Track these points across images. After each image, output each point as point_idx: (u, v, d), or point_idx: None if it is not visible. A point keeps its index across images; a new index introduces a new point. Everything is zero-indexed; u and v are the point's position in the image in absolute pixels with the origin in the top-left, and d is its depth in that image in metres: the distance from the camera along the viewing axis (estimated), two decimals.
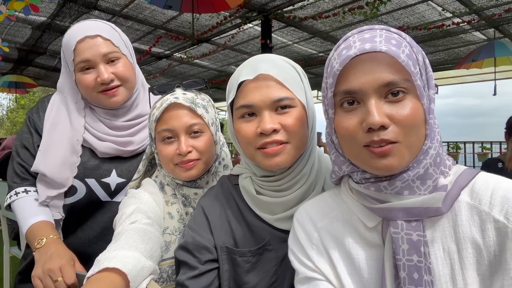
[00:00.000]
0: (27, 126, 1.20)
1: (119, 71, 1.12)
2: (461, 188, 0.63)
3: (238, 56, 7.29)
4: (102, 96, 1.13)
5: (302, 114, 0.81)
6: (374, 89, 0.60)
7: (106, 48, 1.10)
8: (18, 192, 1.13)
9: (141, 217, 0.91)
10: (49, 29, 5.84)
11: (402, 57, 0.60)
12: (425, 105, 0.62)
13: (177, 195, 1.04)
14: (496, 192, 0.60)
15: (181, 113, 0.96)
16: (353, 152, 0.66)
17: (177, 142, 0.96)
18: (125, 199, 1.01)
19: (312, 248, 0.73)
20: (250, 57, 0.88)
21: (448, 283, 0.60)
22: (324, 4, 4.90)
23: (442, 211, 0.62)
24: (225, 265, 0.86)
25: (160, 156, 1.00)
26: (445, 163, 0.66)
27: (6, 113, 29.56)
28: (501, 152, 7.33)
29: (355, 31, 0.67)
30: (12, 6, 3.11)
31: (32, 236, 1.01)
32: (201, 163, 0.98)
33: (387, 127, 0.60)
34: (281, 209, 0.86)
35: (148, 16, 5.43)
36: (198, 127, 0.98)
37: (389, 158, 0.60)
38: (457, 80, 8.52)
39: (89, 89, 1.12)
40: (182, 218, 1.02)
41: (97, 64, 1.10)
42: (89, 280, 0.71)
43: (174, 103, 0.96)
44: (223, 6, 3.89)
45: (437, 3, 4.67)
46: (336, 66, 0.63)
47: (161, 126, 0.97)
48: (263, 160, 0.80)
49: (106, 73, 1.09)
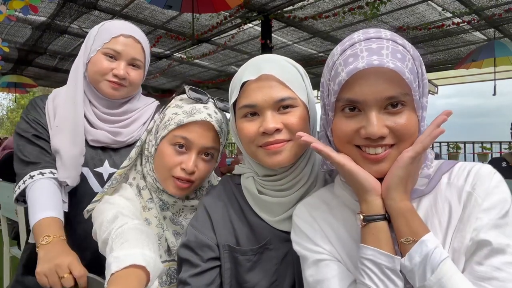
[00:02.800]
0: (26, 123, 1.20)
1: (133, 76, 1.21)
2: (442, 173, 0.72)
3: (238, 56, 7.30)
4: (106, 83, 1.18)
5: (304, 114, 0.82)
6: (376, 102, 0.65)
7: (137, 54, 1.21)
8: (33, 175, 1.11)
9: (129, 219, 0.88)
10: (49, 29, 5.84)
11: (407, 74, 0.63)
12: (420, 117, 0.68)
13: (154, 199, 1.00)
14: (471, 171, 0.70)
15: (206, 134, 0.93)
16: (346, 150, 0.71)
17: (187, 155, 0.93)
18: (100, 206, 0.97)
19: (315, 234, 0.77)
20: (250, 57, 0.88)
21: None
22: (324, 4, 4.90)
23: (424, 192, 0.71)
24: (227, 263, 0.87)
25: (163, 162, 0.95)
26: (427, 156, 0.73)
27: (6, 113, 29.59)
28: (501, 152, 7.35)
29: (361, 35, 0.69)
30: (12, 6, 3.10)
31: (40, 231, 1.00)
32: (192, 186, 0.96)
33: (384, 137, 0.65)
34: (281, 210, 0.87)
35: (148, 16, 5.43)
36: (212, 152, 0.96)
37: (382, 164, 0.67)
38: (457, 80, 8.54)
39: (100, 73, 1.17)
40: (161, 223, 0.99)
41: (121, 59, 1.18)
42: (116, 276, 0.71)
43: (206, 121, 0.92)
44: (223, 6, 3.89)
45: (437, 3, 4.68)
46: (342, 75, 0.65)
47: (180, 133, 0.92)
48: (265, 157, 0.81)
49: (124, 70, 1.17)
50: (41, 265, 0.91)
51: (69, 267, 0.89)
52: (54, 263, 0.89)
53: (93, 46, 1.18)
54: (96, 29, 1.21)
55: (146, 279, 0.73)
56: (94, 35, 1.20)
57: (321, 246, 0.75)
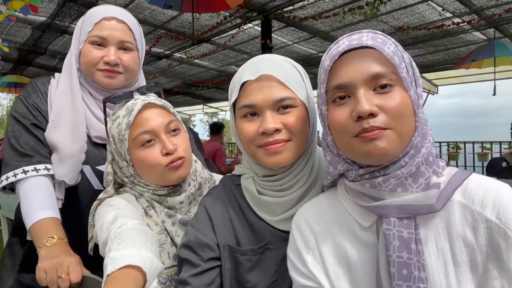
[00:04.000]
0: (25, 107, 1.11)
1: (126, 60, 1.14)
2: (454, 187, 0.65)
3: (238, 56, 7.29)
4: (99, 73, 1.12)
5: (303, 114, 0.82)
6: (362, 81, 0.64)
7: (125, 36, 1.13)
8: (27, 170, 1.05)
9: (128, 220, 0.88)
10: (49, 29, 5.83)
11: (387, 50, 0.64)
12: (413, 97, 0.65)
13: (157, 208, 0.99)
14: (488, 192, 0.62)
15: (156, 112, 0.96)
16: (345, 144, 0.68)
17: (159, 144, 0.94)
18: (100, 209, 0.98)
19: (307, 253, 0.75)
20: (250, 57, 0.89)
21: (441, 280, 0.62)
22: (324, 4, 4.90)
23: (435, 208, 0.63)
24: (227, 263, 0.87)
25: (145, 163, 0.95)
26: (438, 163, 0.68)
27: (6, 113, 29.55)
28: (501, 152, 7.34)
29: (344, 36, 0.72)
30: (12, 6, 3.10)
31: (42, 232, 0.98)
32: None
33: (376, 115, 0.62)
34: (281, 210, 0.87)
35: (148, 16, 5.43)
36: (175, 125, 0.98)
37: (379, 141, 0.62)
38: (457, 80, 8.52)
39: (91, 63, 1.12)
40: (163, 229, 0.98)
41: (109, 45, 1.11)
42: (112, 276, 0.70)
43: (148, 103, 0.95)
44: (223, 6, 3.89)
45: (437, 3, 4.67)
46: (326, 63, 0.68)
47: (137, 130, 0.93)
48: (264, 157, 0.81)
49: (114, 56, 1.11)
50: (43, 261, 0.91)
51: (69, 268, 0.88)
52: (56, 261, 0.89)
53: (81, 37, 1.13)
54: (81, 20, 1.17)
55: (142, 279, 0.73)
56: (80, 27, 1.15)
57: (309, 268, 0.74)
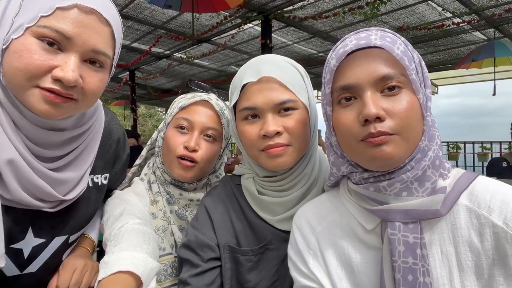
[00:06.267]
0: None
1: (91, 84, 0.69)
2: (460, 191, 0.63)
3: (238, 56, 7.29)
4: (38, 92, 0.64)
5: (304, 116, 0.82)
6: (370, 83, 0.61)
7: (97, 36, 0.67)
8: None
9: (130, 219, 0.89)
10: None
11: (396, 51, 0.61)
12: (421, 100, 0.62)
13: (161, 192, 1.03)
14: (495, 196, 0.60)
15: (206, 114, 0.98)
16: (350, 147, 0.66)
17: (189, 135, 0.97)
18: (111, 200, 0.99)
19: (309, 253, 0.74)
20: (250, 57, 0.89)
21: (446, 285, 0.61)
22: (324, 4, 4.90)
23: (440, 213, 0.61)
24: (227, 263, 0.87)
25: (168, 145, 0.98)
26: (444, 166, 0.66)
27: None
28: (501, 152, 7.34)
29: (352, 33, 0.69)
30: None
31: None
32: (197, 168, 0.98)
33: (383, 119, 0.60)
34: (282, 210, 0.87)
35: (148, 16, 5.42)
36: (213, 133, 0.99)
37: (385, 146, 0.60)
38: (457, 80, 8.53)
39: (29, 70, 0.62)
40: (166, 216, 1.00)
41: (70, 49, 0.65)
42: (103, 283, 0.70)
43: (205, 101, 0.99)
44: (223, 6, 3.89)
45: (437, 3, 4.67)
46: (332, 62, 0.65)
47: (182, 115, 0.98)
48: (266, 161, 0.81)
49: (72, 72, 0.64)
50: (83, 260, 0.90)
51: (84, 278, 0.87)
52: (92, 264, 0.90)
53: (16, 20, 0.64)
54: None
55: (135, 283, 0.72)
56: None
57: (310, 268, 0.73)
